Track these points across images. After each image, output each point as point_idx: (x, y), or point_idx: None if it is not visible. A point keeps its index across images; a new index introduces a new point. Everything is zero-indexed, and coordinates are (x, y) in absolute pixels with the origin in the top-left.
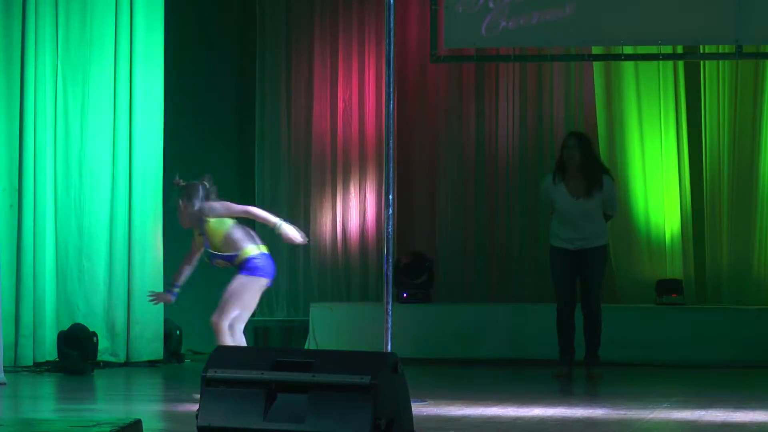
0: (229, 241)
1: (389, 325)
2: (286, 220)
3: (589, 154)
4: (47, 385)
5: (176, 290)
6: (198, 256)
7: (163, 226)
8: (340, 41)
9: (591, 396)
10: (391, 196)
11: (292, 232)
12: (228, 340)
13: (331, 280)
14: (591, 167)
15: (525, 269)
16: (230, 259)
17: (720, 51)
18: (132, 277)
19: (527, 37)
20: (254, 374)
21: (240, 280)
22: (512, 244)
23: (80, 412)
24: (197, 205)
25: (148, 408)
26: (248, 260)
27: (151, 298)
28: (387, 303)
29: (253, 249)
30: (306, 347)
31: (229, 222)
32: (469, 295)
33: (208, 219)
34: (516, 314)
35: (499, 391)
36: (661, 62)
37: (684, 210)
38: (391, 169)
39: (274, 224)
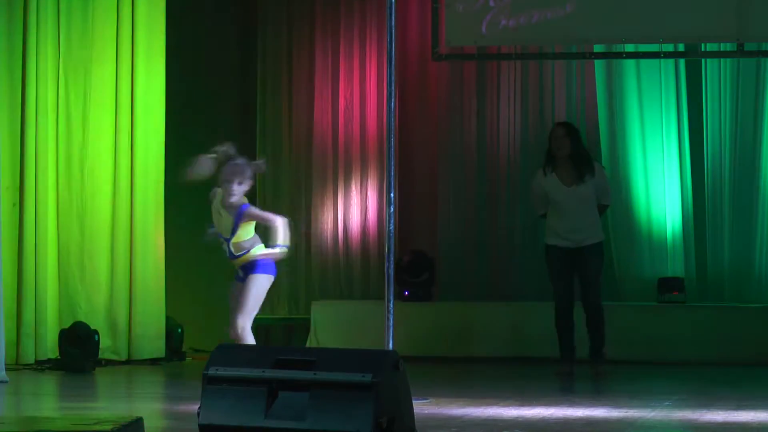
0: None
1: (390, 323)
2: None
3: (579, 143)
4: (49, 383)
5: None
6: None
7: (165, 224)
8: (342, 39)
9: (592, 394)
10: (392, 194)
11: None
12: (252, 341)
13: (332, 278)
14: (581, 155)
15: (526, 267)
16: (244, 253)
17: (721, 49)
18: (134, 276)
19: (528, 35)
20: (256, 372)
21: (258, 280)
22: (513, 242)
23: (82, 410)
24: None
25: (149, 406)
26: (261, 259)
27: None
28: (388, 301)
29: (262, 247)
30: (307, 345)
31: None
32: (470, 293)
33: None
34: (517, 312)
35: (500, 389)
36: (662, 60)
37: (685, 208)
38: (393, 167)
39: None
